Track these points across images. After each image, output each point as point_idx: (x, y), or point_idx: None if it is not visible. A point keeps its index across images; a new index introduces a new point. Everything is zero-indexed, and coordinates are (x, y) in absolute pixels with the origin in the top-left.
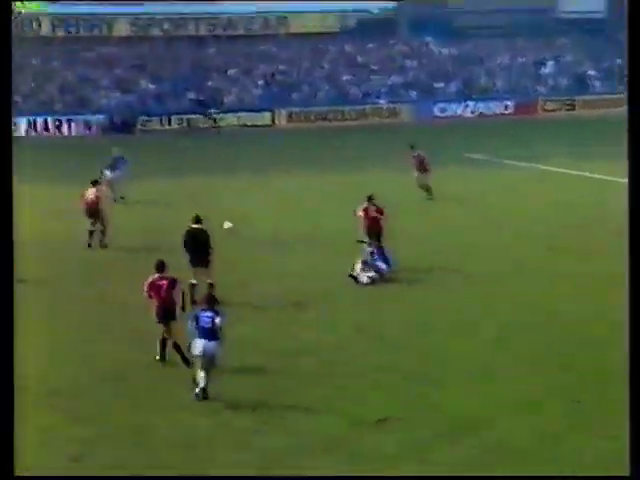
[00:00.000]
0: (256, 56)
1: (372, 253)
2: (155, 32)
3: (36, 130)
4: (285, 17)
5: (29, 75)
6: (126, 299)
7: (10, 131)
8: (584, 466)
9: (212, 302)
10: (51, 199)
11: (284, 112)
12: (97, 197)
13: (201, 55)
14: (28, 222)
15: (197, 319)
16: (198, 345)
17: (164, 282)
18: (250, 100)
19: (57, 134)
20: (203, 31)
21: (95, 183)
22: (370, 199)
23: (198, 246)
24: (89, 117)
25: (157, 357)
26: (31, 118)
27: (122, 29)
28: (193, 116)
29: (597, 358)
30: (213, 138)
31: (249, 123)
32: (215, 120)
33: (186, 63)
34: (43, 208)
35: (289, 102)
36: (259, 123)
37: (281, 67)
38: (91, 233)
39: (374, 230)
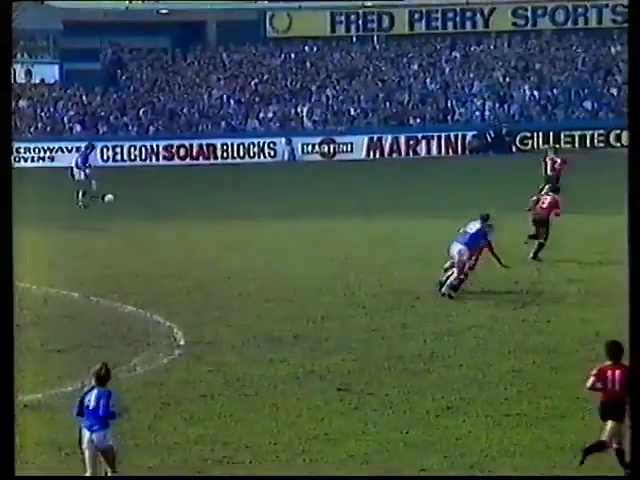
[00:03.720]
0: None
1: None
2: (544, 24)
3: (382, 151)
4: None
5: (375, 82)
6: None
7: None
8: None
9: None
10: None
11: None
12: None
13: (603, 53)
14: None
15: None
16: None
17: (618, 372)
18: None
19: (410, 155)
20: (607, 22)
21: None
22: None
23: None
24: (454, 133)
25: None
26: (375, 136)
27: (501, 22)
28: (587, 132)
29: None
30: (614, 160)
31: None
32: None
33: (583, 63)
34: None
35: None
36: None
37: None
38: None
39: None
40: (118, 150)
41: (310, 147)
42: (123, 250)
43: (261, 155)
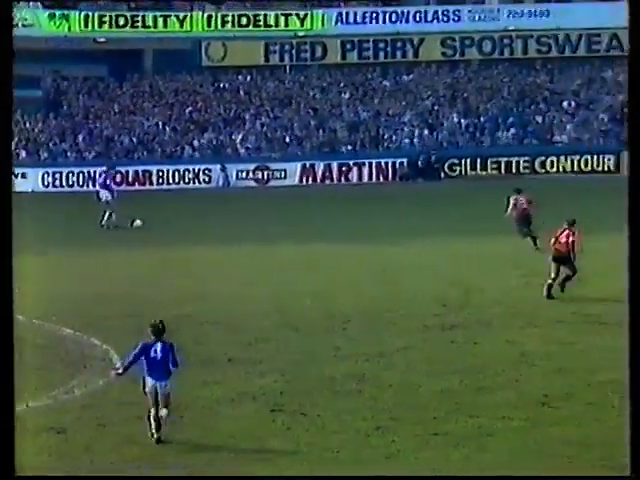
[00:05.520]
0: (600, 83)
1: None
2: (472, 54)
3: (315, 178)
4: None
5: (307, 110)
6: None
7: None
8: None
9: None
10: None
11: None
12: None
13: (528, 82)
14: None
15: None
16: None
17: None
18: (590, 139)
19: (342, 181)
20: (532, 52)
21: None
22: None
23: None
24: (385, 160)
25: None
26: (308, 163)
27: (431, 51)
28: (514, 158)
29: None
30: (539, 186)
31: (587, 168)
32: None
33: (509, 92)
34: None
35: None
36: (599, 168)
37: None
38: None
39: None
40: (57, 176)
41: (244, 173)
42: (62, 275)
43: (196, 181)
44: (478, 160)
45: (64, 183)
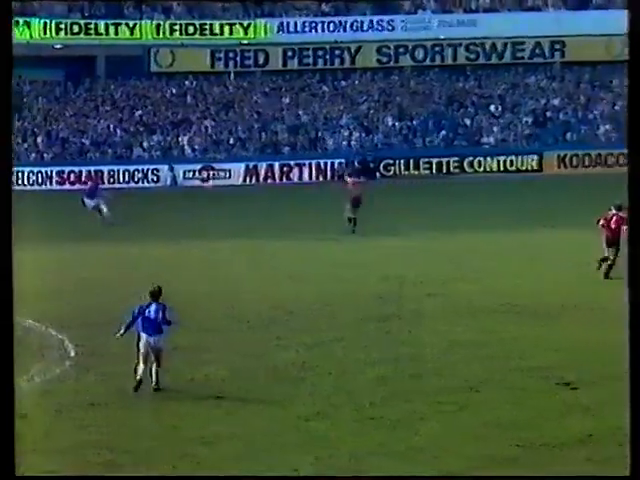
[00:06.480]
0: (524, 88)
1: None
2: (405, 61)
3: (258, 178)
4: (562, 42)
5: (251, 114)
6: None
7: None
8: None
9: None
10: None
11: (554, 155)
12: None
13: (458, 87)
14: None
15: None
16: None
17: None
18: (515, 141)
19: (284, 181)
20: (461, 59)
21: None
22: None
23: None
24: (324, 161)
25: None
26: (251, 164)
27: (367, 59)
28: (444, 159)
29: None
30: (468, 186)
31: (512, 168)
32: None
33: (439, 97)
34: None
35: (561, 144)
36: (523, 168)
37: (554, 102)
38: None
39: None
40: (20, 175)
41: (191, 173)
42: (24, 269)
43: (145, 181)
44: (411, 161)
45: (25, 182)
